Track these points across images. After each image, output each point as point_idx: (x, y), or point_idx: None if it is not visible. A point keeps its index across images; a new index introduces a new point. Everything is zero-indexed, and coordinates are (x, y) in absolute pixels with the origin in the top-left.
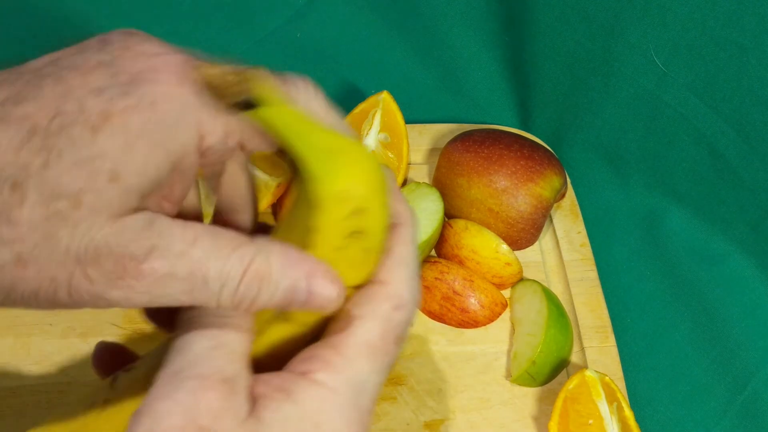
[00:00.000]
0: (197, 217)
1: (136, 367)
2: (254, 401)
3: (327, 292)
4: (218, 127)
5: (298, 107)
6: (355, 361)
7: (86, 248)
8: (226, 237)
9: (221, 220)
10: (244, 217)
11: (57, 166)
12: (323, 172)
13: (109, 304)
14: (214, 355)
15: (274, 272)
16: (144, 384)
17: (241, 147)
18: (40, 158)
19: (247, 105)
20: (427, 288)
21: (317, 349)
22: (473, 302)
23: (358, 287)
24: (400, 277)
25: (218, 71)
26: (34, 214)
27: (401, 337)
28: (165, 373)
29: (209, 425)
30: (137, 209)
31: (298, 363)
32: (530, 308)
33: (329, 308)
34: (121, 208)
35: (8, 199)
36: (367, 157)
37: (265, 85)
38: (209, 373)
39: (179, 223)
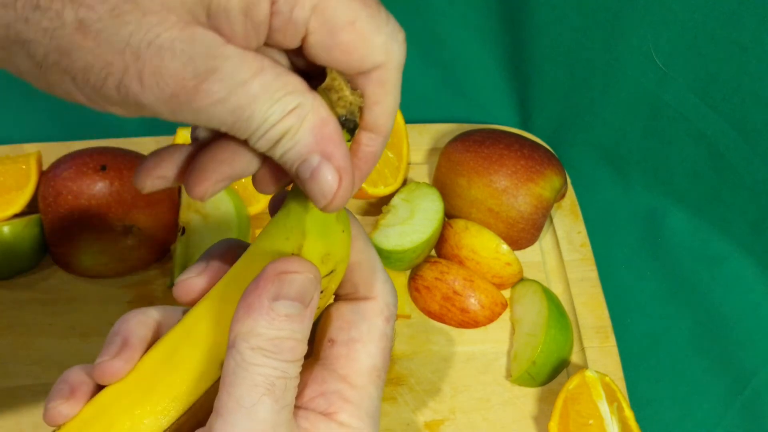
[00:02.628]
0: None
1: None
2: None
3: (328, 184)
4: None
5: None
6: (368, 390)
7: (149, 44)
8: (287, 79)
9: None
10: (375, 142)
11: None
12: (321, 235)
13: (151, 114)
14: (278, 421)
15: (300, 134)
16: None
17: (305, 40)
18: None
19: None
20: (427, 288)
21: (329, 383)
22: (473, 302)
23: None
24: (381, 286)
25: (341, 84)
26: None
27: (392, 345)
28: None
29: None
30: (209, 27)
31: (316, 399)
32: (530, 308)
33: (321, 199)
34: (193, 16)
35: None
36: (348, 235)
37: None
38: None
39: (249, 53)
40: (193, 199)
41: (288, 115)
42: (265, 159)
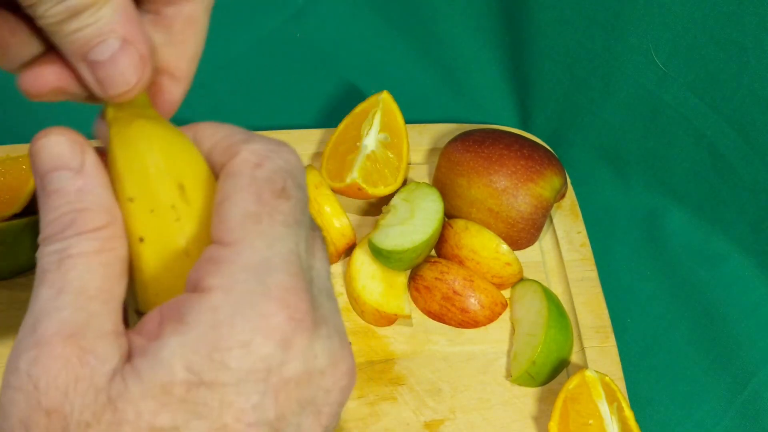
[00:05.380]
0: None
1: None
2: (137, 345)
3: (132, 67)
4: None
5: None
6: (244, 242)
7: None
8: None
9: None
10: (175, 89)
11: None
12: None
13: None
14: (56, 306)
15: (105, 10)
16: None
17: None
18: None
19: None
20: (427, 288)
21: (205, 253)
22: (473, 302)
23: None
24: (242, 141)
25: None
26: None
27: (285, 186)
28: (15, 342)
29: (57, 406)
30: None
31: (190, 275)
32: (530, 308)
33: (121, 84)
34: None
35: None
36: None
37: None
38: (49, 335)
39: None
40: None
41: None
42: (44, 53)
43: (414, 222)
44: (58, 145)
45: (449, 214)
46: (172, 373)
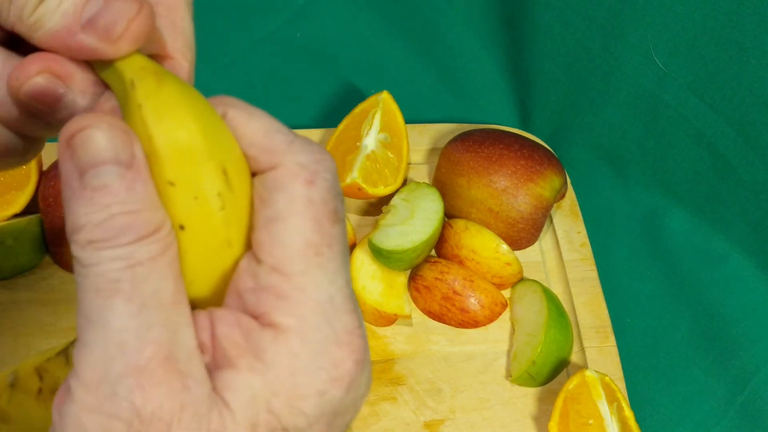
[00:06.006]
0: None
1: None
2: (214, 365)
3: (125, 8)
4: None
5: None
6: (308, 276)
7: None
8: None
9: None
10: (180, 70)
11: None
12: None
13: None
14: (142, 325)
15: None
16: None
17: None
18: None
19: None
20: (427, 288)
21: (260, 277)
22: (473, 302)
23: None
24: (285, 147)
25: None
26: None
27: (337, 208)
28: (85, 369)
29: None
30: None
31: (246, 296)
32: (530, 308)
33: (118, 24)
34: None
35: None
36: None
37: None
38: (146, 359)
39: None
40: None
41: None
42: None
43: (414, 222)
44: (109, 137)
45: (449, 214)
46: (257, 414)
